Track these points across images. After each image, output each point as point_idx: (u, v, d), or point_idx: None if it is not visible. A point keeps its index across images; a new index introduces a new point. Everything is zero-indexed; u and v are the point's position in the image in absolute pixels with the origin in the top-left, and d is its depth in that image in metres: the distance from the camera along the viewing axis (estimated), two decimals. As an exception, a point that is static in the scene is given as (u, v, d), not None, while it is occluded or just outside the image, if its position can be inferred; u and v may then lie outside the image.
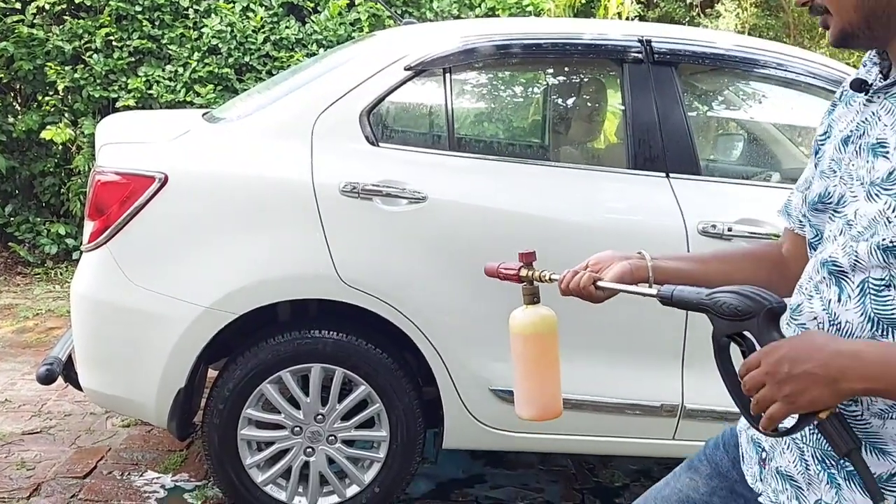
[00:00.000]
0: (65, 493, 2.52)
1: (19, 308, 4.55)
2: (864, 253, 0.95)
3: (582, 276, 1.29)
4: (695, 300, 1.06)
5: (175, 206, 2.25)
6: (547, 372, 1.40)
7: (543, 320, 1.40)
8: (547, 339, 1.40)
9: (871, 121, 1.00)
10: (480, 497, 2.70)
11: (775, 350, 0.93)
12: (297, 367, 2.31)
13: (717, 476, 1.25)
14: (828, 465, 1.01)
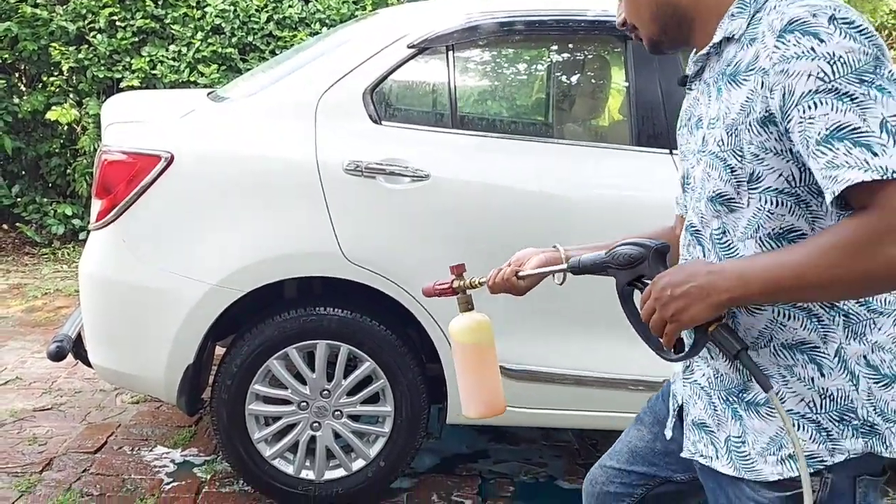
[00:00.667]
0: (76, 468, 2.57)
1: (28, 288, 4.60)
2: (703, 209, 1.12)
3: (504, 271, 1.42)
4: (597, 261, 1.23)
5: (181, 184, 2.27)
6: (487, 372, 1.47)
7: (479, 325, 1.47)
8: (484, 343, 1.46)
9: (693, 104, 1.20)
10: (484, 471, 2.74)
11: (659, 279, 1.07)
12: (303, 344, 2.34)
13: (657, 423, 1.37)
14: (731, 402, 1.13)
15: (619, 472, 1.42)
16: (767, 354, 1.09)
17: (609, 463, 1.44)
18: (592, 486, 1.47)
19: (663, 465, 1.36)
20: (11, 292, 4.52)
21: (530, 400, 2.42)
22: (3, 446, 2.69)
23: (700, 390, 1.18)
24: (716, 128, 1.09)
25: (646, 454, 1.38)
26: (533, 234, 2.33)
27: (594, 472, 1.48)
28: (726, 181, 1.08)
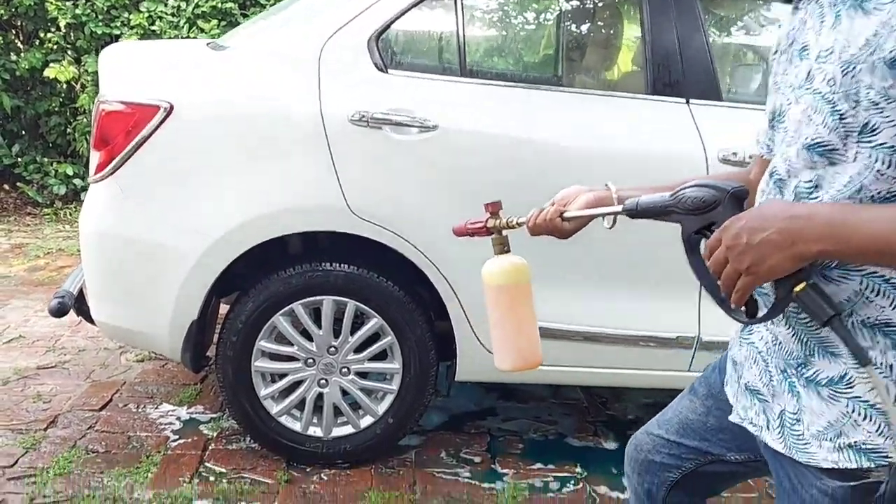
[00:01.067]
0: (81, 425, 2.55)
1: (30, 247, 4.55)
2: (793, 156, 0.98)
3: (548, 211, 1.31)
4: (660, 203, 1.08)
5: (181, 135, 2.20)
6: (523, 320, 1.38)
7: (515, 269, 1.37)
8: (520, 288, 1.38)
9: (799, 27, 1.03)
10: (493, 429, 2.72)
11: (733, 224, 0.93)
12: (308, 300, 2.29)
13: (712, 396, 1.28)
14: (788, 375, 1.03)
15: (667, 442, 1.34)
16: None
17: (657, 431, 1.36)
18: (637, 451, 1.40)
19: (716, 442, 1.27)
20: (13, 252, 4.48)
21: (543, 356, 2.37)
22: (7, 403, 2.66)
23: (756, 354, 1.08)
24: (827, 62, 0.93)
25: (697, 428, 1.29)
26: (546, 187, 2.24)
27: (640, 438, 1.40)
28: (831, 129, 0.92)
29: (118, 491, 2.19)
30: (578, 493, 2.36)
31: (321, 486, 2.30)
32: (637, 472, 1.41)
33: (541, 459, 2.53)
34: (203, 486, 2.24)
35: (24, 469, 2.27)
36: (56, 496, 2.15)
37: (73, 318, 3.39)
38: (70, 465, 2.30)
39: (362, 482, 2.33)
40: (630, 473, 1.43)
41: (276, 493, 2.24)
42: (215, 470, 2.34)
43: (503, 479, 2.41)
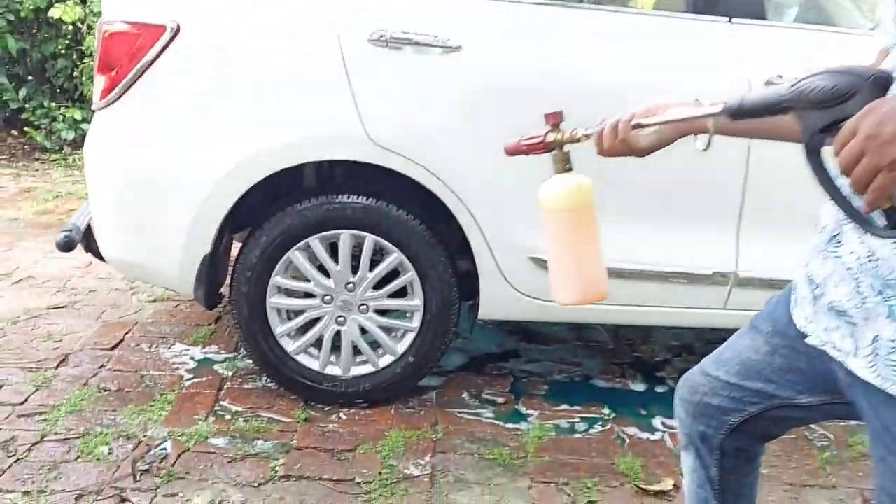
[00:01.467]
0: (93, 364, 2.48)
1: (39, 191, 4.47)
2: None
3: (619, 120, 1.16)
4: (773, 99, 0.90)
5: (189, 58, 2.07)
6: (587, 249, 1.24)
7: (580, 190, 1.24)
8: (584, 212, 1.24)
9: None
10: (516, 371, 2.63)
11: (875, 109, 0.77)
12: (325, 234, 2.18)
13: (778, 334, 1.15)
14: (888, 297, 0.91)
15: (727, 385, 1.22)
16: None
17: (714, 372, 1.24)
18: (691, 393, 1.29)
19: (784, 385, 1.15)
20: (22, 195, 4.39)
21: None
22: (16, 342, 2.60)
23: (845, 272, 0.96)
24: None
25: (761, 369, 1.18)
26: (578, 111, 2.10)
27: (695, 380, 1.29)
28: None
29: (132, 428, 2.13)
30: (606, 434, 2.28)
31: (340, 425, 2.22)
32: (691, 414, 1.31)
33: (566, 400, 2.45)
34: (219, 425, 2.17)
35: (34, 407, 2.21)
36: (68, 433, 2.09)
37: (83, 258, 3.32)
38: (82, 403, 2.24)
39: (382, 421, 2.26)
40: (682, 416, 1.33)
41: (293, 432, 2.17)
42: (231, 409, 2.27)
43: (528, 419, 2.33)
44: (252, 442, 2.11)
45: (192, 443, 2.08)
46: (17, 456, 1.98)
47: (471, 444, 2.18)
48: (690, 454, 1.36)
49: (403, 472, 2.02)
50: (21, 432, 2.08)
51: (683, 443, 1.37)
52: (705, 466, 1.33)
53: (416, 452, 2.12)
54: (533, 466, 2.09)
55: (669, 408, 2.41)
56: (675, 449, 2.22)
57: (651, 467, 2.12)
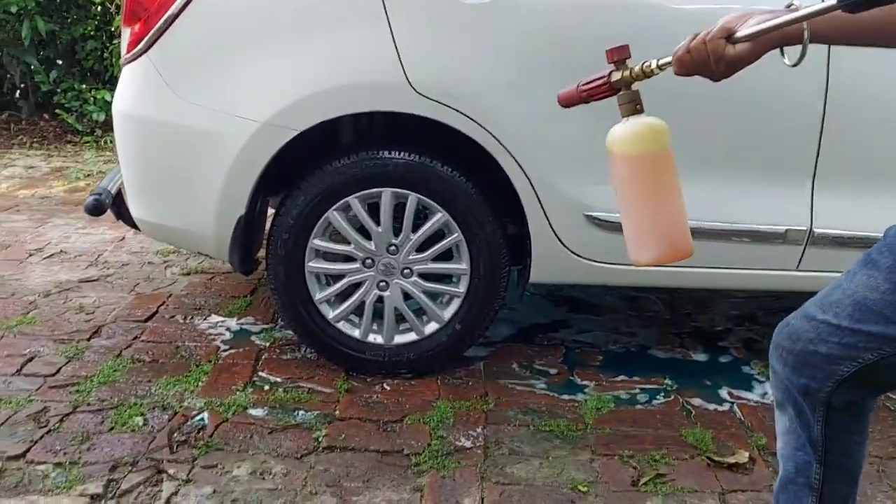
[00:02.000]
0: (126, 336, 2.38)
1: (70, 170, 4.41)
2: None
3: (709, 31, 1.04)
4: None
5: (221, 5, 1.95)
6: (666, 200, 1.12)
7: (654, 132, 1.11)
8: (662, 157, 1.11)
9: None
10: (567, 341, 2.48)
11: None
12: (365, 193, 2.05)
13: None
14: None
15: (838, 329, 1.06)
16: None
17: (822, 316, 1.09)
18: (792, 340, 1.12)
19: None
20: (54, 174, 4.34)
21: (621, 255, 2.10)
22: (48, 314, 2.51)
23: None
24: None
25: (881, 309, 1.03)
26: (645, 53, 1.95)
27: (796, 325, 1.13)
28: None
29: (167, 399, 2.02)
30: (670, 405, 2.12)
31: (384, 396, 2.09)
32: (790, 365, 1.14)
33: (623, 371, 2.29)
34: (257, 395, 2.06)
35: (67, 378, 2.11)
36: (101, 404, 1.99)
37: (115, 233, 3.25)
38: (115, 374, 2.14)
39: (429, 392, 2.12)
40: (779, 368, 1.16)
41: (335, 402, 2.05)
42: (270, 379, 2.15)
43: (584, 390, 2.18)
44: (293, 412, 1.98)
45: (230, 413, 1.96)
46: (49, 427, 1.88)
47: (525, 415, 2.03)
48: (787, 412, 1.19)
49: (454, 443, 1.89)
50: (53, 403, 1.98)
51: (779, 398, 1.20)
52: (807, 426, 1.17)
53: (467, 424, 1.98)
54: (594, 438, 1.94)
55: (736, 378, 2.27)
56: (745, 420, 2.05)
57: (722, 439, 1.95)
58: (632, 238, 1.14)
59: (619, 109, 1.14)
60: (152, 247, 3.16)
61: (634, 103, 1.12)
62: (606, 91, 1.14)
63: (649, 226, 1.12)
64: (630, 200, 1.13)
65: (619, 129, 1.12)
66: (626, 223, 1.15)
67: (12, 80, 5.64)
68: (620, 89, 1.13)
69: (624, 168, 1.12)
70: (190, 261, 3.04)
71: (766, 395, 2.19)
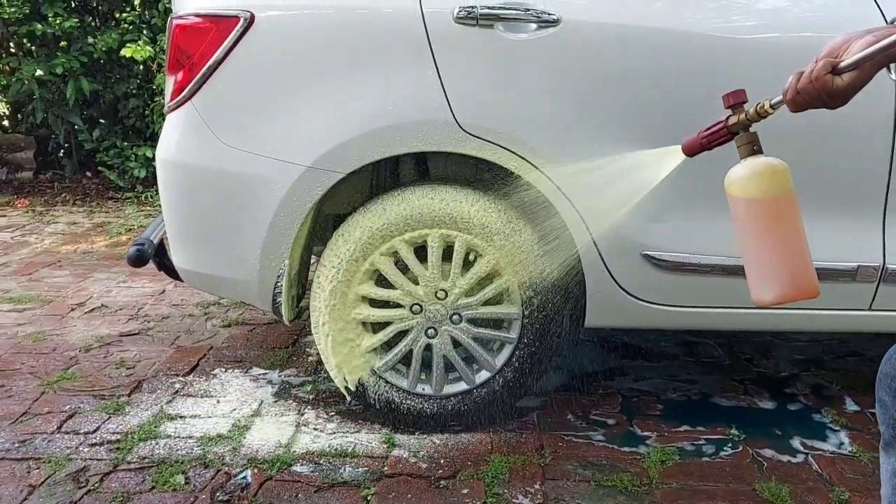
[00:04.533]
0: (167, 390, 2.32)
1: (112, 226, 4.44)
2: None
3: (813, 67, 1.03)
4: None
5: (264, 50, 1.92)
6: (790, 239, 1.12)
7: (774, 171, 1.12)
8: (785, 198, 1.12)
9: None
10: (624, 389, 2.35)
11: None
12: (411, 235, 1.98)
13: None
14: None
15: None
16: None
17: None
18: None
19: None
20: (96, 230, 4.37)
21: (681, 297, 2.00)
22: (89, 370, 2.46)
23: None
24: None
25: None
26: (696, 90, 1.88)
27: None
28: None
29: (209, 456, 1.93)
30: (739, 456, 1.97)
31: (434, 450, 1.98)
32: None
33: (686, 421, 2.15)
34: (302, 451, 1.96)
35: (107, 435, 2.04)
36: (142, 462, 1.91)
37: (155, 286, 3.22)
38: (156, 431, 2.06)
39: (481, 446, 2.01)
40: (888, 400, 1.05)
41: (384, 458, 1.94)
42: (314, 434, 2.06)
43: (645, 442, 2.04)
44: (339, 469, 1.88)
45: (274, 471, 1.87)
46: (89, 487, 1.80)
47: (584, 469, 1.90)
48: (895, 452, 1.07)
49: (511, 500, 1.77)
50: (93, 462, 1.91)
51: (887, 437, 1.08)
52: None
53: (524, 479, 1.86)
54: (661, 494, 1.80)
55: (808, 427, 2.12)
56: (823, 472, 1.90)
57: (800, 494, 1.80)
58: (755, 277, 1.14)
59: (738, 151, 1.17)
60: (192, 299, 3.13)
61: (752, 144, 1.15)
62: (726, 135, 1.18)
63: (772, 265, 1.12)
64: (753, 240, 1.13)
65: (739, 171, 1.14)
66: (749, 262, 1.15)
67: (57, 139, 5.77)
68: (738, 132, 1.16)
69: (747, 209, 1.13)
70: (230, 312, 2.99)
71: (842, 444, 2.04)
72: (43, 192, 5.54)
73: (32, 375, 2.41)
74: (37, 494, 1.77)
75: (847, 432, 2.10)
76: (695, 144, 1.23)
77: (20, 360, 2.53)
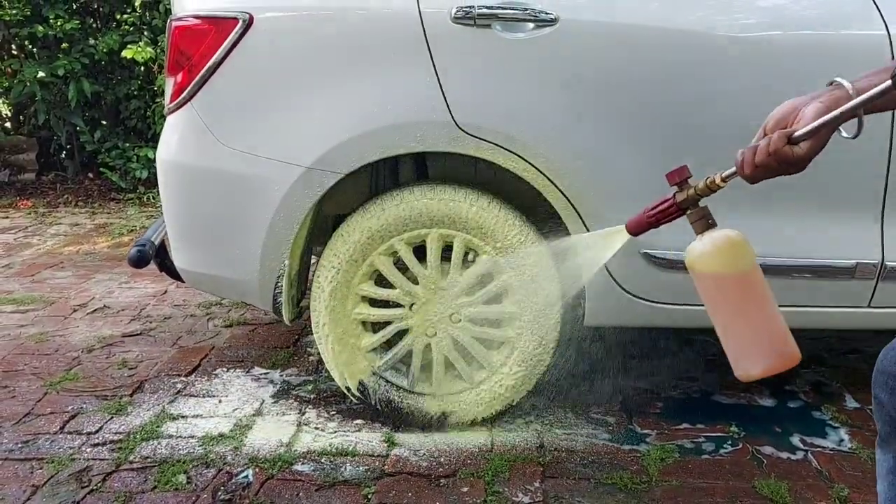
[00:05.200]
0: (169, 390, 2.33)
1: (114, 226, 4.46)
2: None
3: (768, 141, 1.01)
4: None
5: (263, 51, 1.93)
6: (763, 308, 1.10)
7: (734, 245, 1.09)
8: (747, 269, 1.10)
9: None
10: (624, 387, 2.35)
11: None
12: (410, 234, 1.99)
13: None
14: None
15: None
16: None
17: None
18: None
19: None
20: (97, 231, 4.39)
21: (680, 295, 2.00)
22: (91, 370, 2.47)
23: None
24: None
25: None
26: (700, 91, 1.89)
27: None
28: None
29: (210, 455, 1.95)
30: (739, 454, 1.98)
31: (434, 448, 1.99)
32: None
33: (686, 419, 2.16)
34: (303, 450, 1.97)
35: (110, 435, 2.06)
36: (144, 461, 1.92)
37: (157, 287, 3.24)
38: (158, 430, 2.08)
39: (481, 444, 2.02)
40: (884, 398, 1.06)
41: (384, 457, 1.95)
42: (315, 433, 2.07)
43: (645, 440, 2.05)
44: (340, 468, 1.89)
45: (275, 470, 1.88)
46: (91, 487, 1.81)
47: (584, 467, 1.91)
48: (893, 449, 1.08)
49: (512, 499, 1.77)
50: (96, 462, 1.92)
51: (883, 434, 1.09)
52: None
53: (524, 477, 1.86)
54: (660, 492, 1.81)
55: (807, 424, 2.12)
56: (823, 469, 1.90)
57: (800, 490, 1.81)
58: (736, 353, 1.11)
59: (693, 227, 1.14)
60: (194, 299, 3.14)
61: (706, 219, 1.12)
62: (676, 212, 1.15)
63: (752, 340, 1.10)
64: (730, 317, 1.10)
65: (698, 247, 1.11)
66: (727, 339, 1.12)
67: (59, 140, 5.78)
68: (688, 208, 1.13)
69: (710, 287, 1.11)
70: (232, 312, 3.00)
71: (842, 441, 2.04)
72: (45, 194, 5.56)
73: (35, 376, 2.42)
74: (40, 494, 1.78)
75: (847, 429, 2.11)
76: (641, 223, 1.19)
77: (23, 361, 2.54)
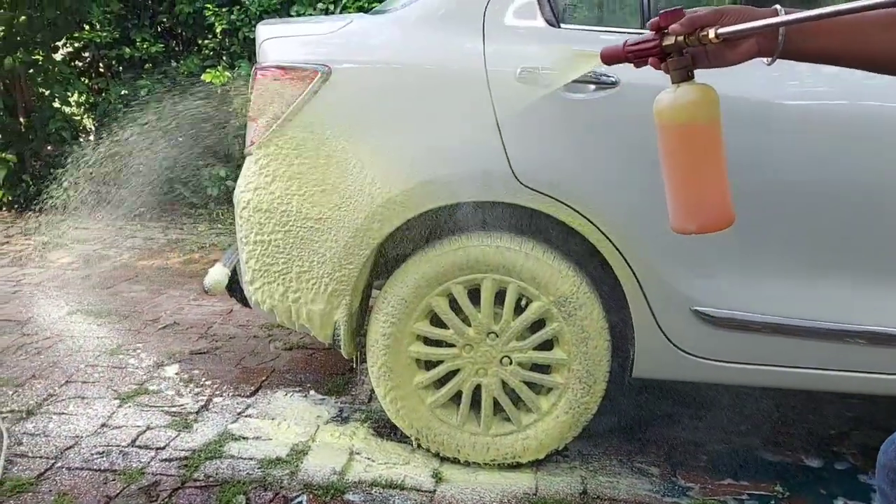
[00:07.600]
0: (232, 411, 2.46)
1: (186, 242, 4.68)
2: None
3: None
4: None
5: (338, 101, 2.05)
6: (712, 166, 1.09)
7: (705, 101, 1.07)
8: (709, 127, 1.08)
9: None
10: (670, 438, 2.38)
11: None
12: (466, 278, 2.08)
13: None
14: None
15: None
16: None
17: None
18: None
19: None
20: (170, 246, 4.61)
21: (730, 353, 2.04)
22: (161, 386, 2.63)
23: None
24: None
25: None
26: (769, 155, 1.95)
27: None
28: None
29: (268, 479, 2.06)
30: (782, 514, 2.00)
31: (480, 487, 2.06)
32: None
33: (731, 474, 2.18)
34: (354, 479, 2.07)
35: (176, 451, 2.19)
36: (207, 480, 2.05)
37: (224, 306, 3.40)
38: (221, 450, 2.20)
39: (526, 486, 2.08)
40: (888, 489, 1.09)
41: (431, 493, 2.03)
42: (366, 462, 2.16)
43: (687, 493, 2.08)
44: (388, 500, 1.98)
45: (328, 497, 1.98)
46: (159, 501, 1.95)
47: (625, 516, 1.96)
48: None
49: (552, 543, 1.83)
50: (164, 477, 2.06)
51: None
52: None
53: (565, 522, 1.92)
54: (699, 547, 1.84)
55: (853, 488, 2.12)
56: (868, 537, 1.90)
57: (842, 558, 1.82)
58: (676, 205, 1.11)
59: (671, 75, 1.10)
60: (257, 321, 3.29)
61: (686, 69, 1.08)
62: (657, 54, 1.09)
63: (698, 196, 1.10)
64: (678, 169, 1.11)
65: (667, 95, 1.10)
66: (672, 191, 1.12)
67: (138, 156, 6.09)
68: (671, 54, 1.08)
69: (669, 135, 1.10)
70: (292, 336, 3.14)
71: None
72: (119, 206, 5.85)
73: (109, 389, 2.59)
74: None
75: (895, 497, 2.09)
76: (619, 55, 1.12)
77: (98, 373, 2.72)
